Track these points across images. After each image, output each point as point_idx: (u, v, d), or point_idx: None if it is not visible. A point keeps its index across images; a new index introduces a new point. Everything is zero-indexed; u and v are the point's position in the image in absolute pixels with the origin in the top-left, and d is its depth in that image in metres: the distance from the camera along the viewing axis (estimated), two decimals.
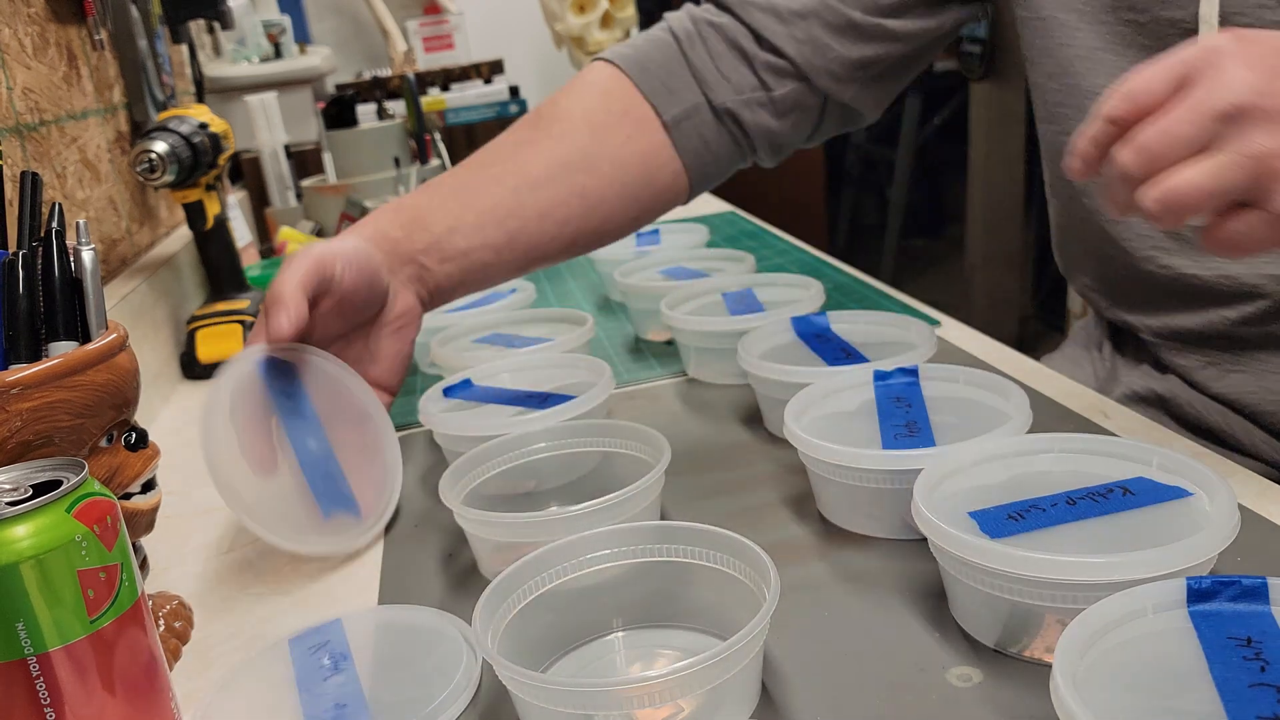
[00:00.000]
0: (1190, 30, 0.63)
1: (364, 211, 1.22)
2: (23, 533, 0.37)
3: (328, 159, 1.29)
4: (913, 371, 0.58)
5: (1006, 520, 0.43)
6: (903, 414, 0.55)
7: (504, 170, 0.71)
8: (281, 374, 0.60)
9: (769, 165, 0.82)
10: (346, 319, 0.65)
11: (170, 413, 0.89)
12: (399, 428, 0.76)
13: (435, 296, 0.70)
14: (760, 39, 0.75)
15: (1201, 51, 0.44)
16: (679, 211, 1.42)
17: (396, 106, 1.52)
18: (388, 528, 0.61)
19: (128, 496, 0.51)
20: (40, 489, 0.39)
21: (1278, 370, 0.68)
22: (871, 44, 0.75)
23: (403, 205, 0.70)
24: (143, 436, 0.51)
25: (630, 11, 1.89)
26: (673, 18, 0.79)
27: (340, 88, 1.72)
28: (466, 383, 0.69)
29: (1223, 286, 0.67)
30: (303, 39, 1.92)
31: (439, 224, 0.68)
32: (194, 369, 0.96)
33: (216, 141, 0.98)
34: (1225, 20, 0.61)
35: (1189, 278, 0.68)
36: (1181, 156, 0.43)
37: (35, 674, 0.37)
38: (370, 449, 0.62)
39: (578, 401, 0.62)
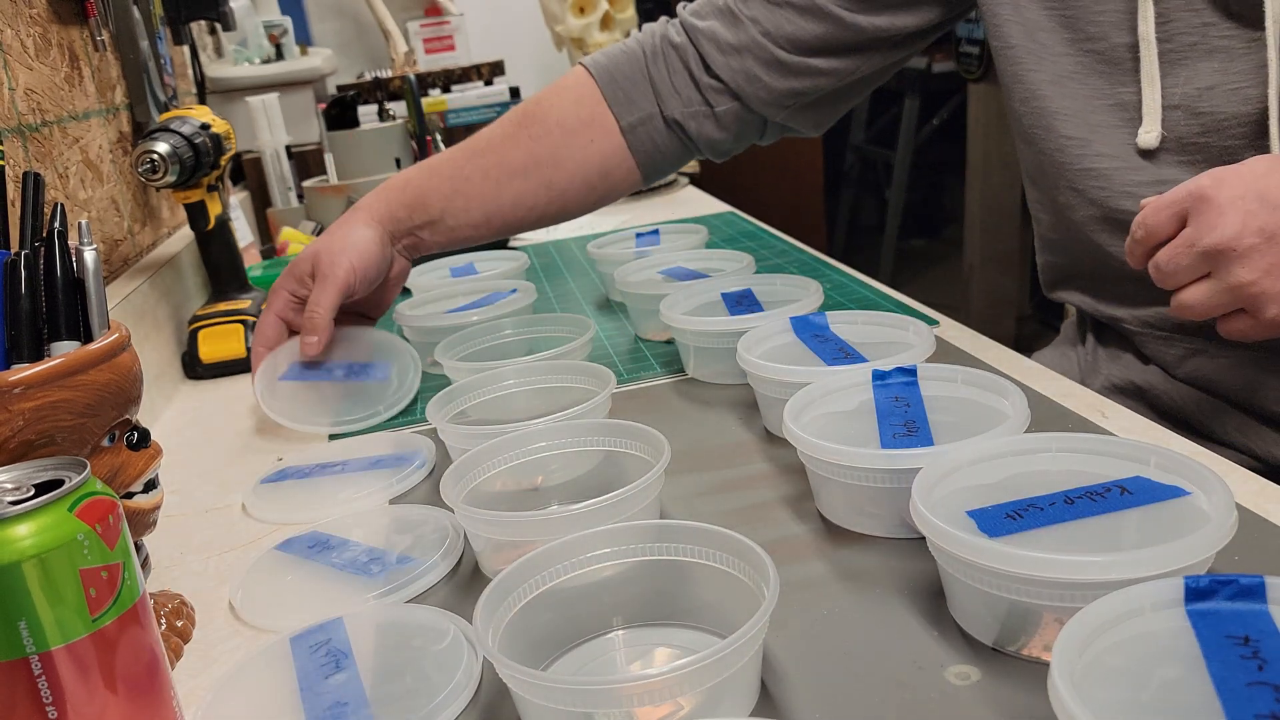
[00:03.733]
0: (1137, 55, 0.65)
1: None
2: (25, 531, 0.37)
3: (329, 160, 1.29)
4: (911, 371, 0.59)
5: (1005, 519, 0.43)
6: (901, 413, 0.55)
7: (490, 162, 0.86)
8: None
9: (717, 161, 0.95)
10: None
11: (172, 412, 0.90)
12: (402, 425, 0.76)
13: (422, 257, 0.89)
14: (705, 65, 0.85)
15: (1189, 198, 0.56)
16: (679, 212, 1.44)
17: (398, 107, 1.52)
18: None
19: (130, 495, 0.51)
20: (42, 488, 0.39)
21: (1268, 355, 0.68)
22: (799, 78, 0.84)
23: (409, 184, 0.85)
24: (145, 436, 0.51)
25: (630, 13, 1.89)
26: (647, 30, 0.89)
27: (342, 89, 1.72)
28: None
29: None
30: (304, 40, 1.93)
31: (436, 206, 0.84)
32: (196, 369, 0.96)
33: (218, 142, 0.98)
34: (1161, 29, 0.64)
35: None
36: (1187, 278, 0.57)
37: (37, 673, 0.37)
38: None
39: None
